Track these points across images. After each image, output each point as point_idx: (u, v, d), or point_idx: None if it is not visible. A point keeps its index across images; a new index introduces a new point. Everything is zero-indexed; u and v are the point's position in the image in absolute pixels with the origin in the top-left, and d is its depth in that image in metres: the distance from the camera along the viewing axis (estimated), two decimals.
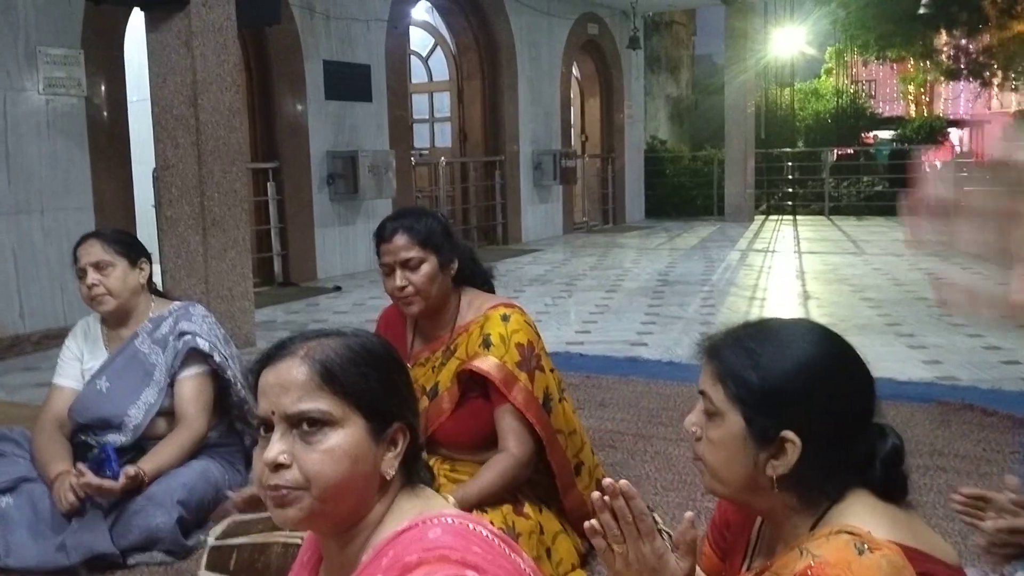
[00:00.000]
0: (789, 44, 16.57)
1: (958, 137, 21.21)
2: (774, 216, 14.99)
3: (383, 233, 2.32)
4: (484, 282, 2.51)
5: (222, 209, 5.17)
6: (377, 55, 9.52)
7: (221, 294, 5.17)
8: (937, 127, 17.07)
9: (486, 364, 2.28)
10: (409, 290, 2.29)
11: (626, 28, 13.67)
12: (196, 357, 2.84)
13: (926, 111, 20.89)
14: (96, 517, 2.59)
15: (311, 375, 1.16)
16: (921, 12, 13.16)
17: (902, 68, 20.06)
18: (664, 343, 5.52)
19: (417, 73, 11.61)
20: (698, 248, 11.03)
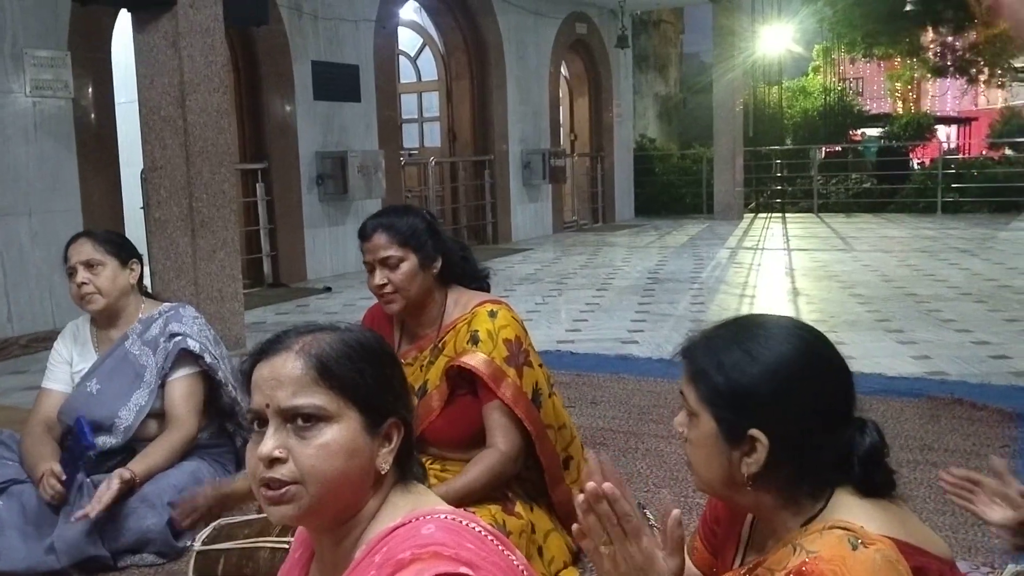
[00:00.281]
0: (777, 42, 16.60)
1: (945, 134, 21.29)
2: (763, 214, 15.03)
3: (364, 231, 2.32)
4: (476, 280, 2.49)
5: (211, 210, 5.15)
6: (365, 55, 9.51)
7: (211, 295, 5.15)
8: (924, 124, 17.15)
9: (474, 360, 2.28)
10: (388, 288, 2.29)
11: (614, 27, 13.68)
12: (186, 358, 2.84)
13: (913, 108, 20.96)
14: (86, 519, 2.57)
15: (306, 370, 1.16)
16: (907, 9, 13.20)
17: (889, 65, 20.13)
18: (655, 340, 5.53)
19: (406, 73, 11.60)
20: (688, 246, 11.04)
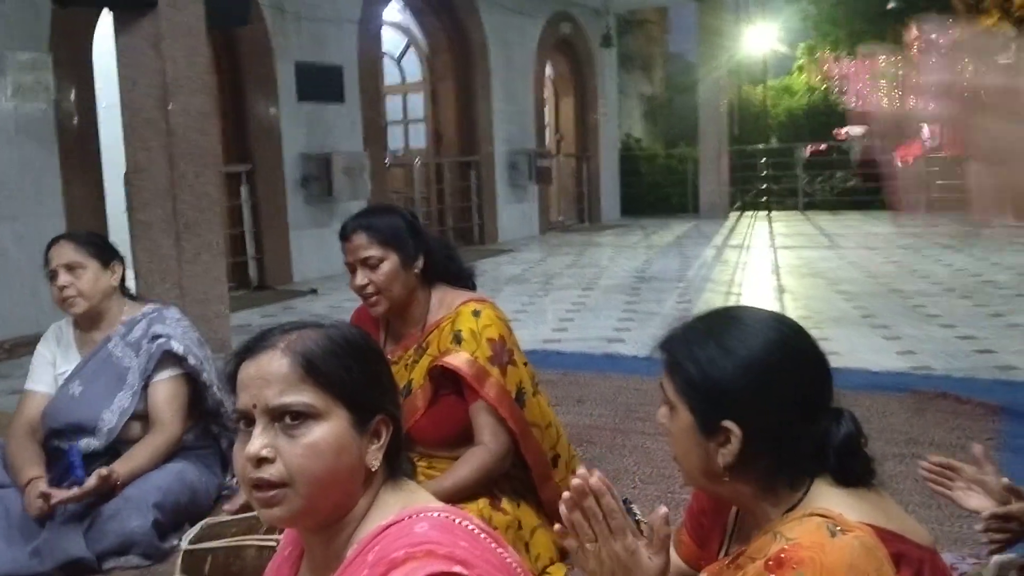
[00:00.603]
0: (761, 41, 16.66)
1: (928, 131, 21.42)
2: (749, 212, 15.07)
3: (344, 232, 2.31)
4: (461, 279, 2.48)
5: (195, 212, 5.12)
6: (349, 56, 9.48)
7: (196, 298, 5.12)
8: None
9: (457, 360, 2.27)
10: (370, 289, 2.28)
11: (599, 26, 13.70)
12: (170, 360, 2.82)
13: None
14: (71, 522, 2.56)
15: (293, 367, 1.15)
16: (890, 7, 13.28)
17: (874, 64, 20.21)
18: (641, 339, 5.54)
19: (390, 74, 11.56)
20: (674, 245, 11.06)
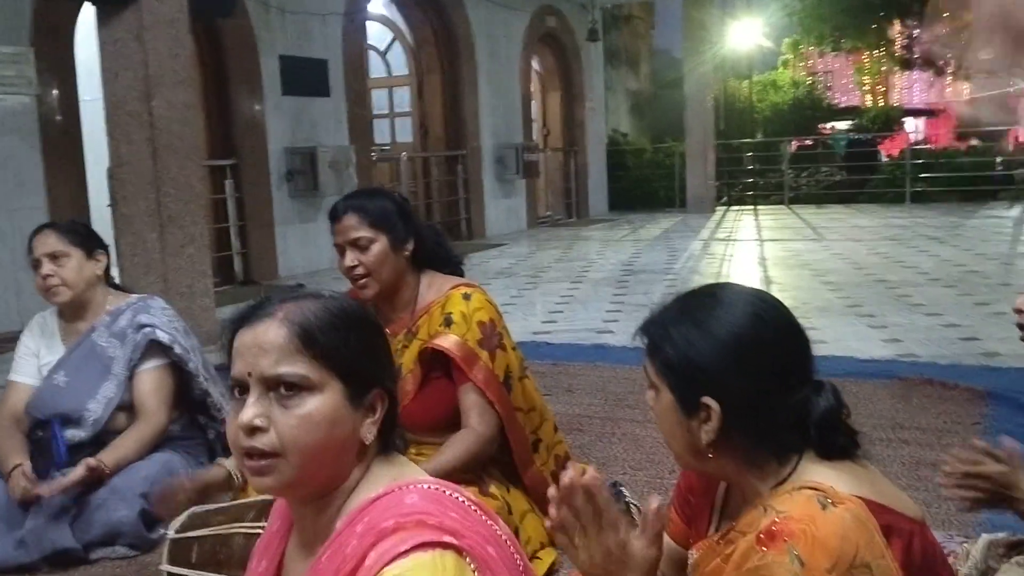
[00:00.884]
0: (746, 36, 16.69)
1: (914, 125, 21.49)
2: (735, 207, 15.11)
3: (335, 212, 2.30)
4: (449, 265, 2.47)
5: (178, 205, 5.08)
6: (334, 50, 9.43)
7: (180, 291, 5.09)
8: (893, 116, 17.29)
9: (447, 342, 2.27)
10: (359, 270, 2.27)
11: (584, 20, 13.70)
12: (156, 350, 2.80)
13: (882, 101, 21.14)
14: (57, 513, 2.54)
15: (290, 338, 1.13)
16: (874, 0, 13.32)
17: (857, 59, 20.28)
18: (630, 330, 5.47)
19: (376, 68, 11.52)
20: (661, 239, 11.08)
